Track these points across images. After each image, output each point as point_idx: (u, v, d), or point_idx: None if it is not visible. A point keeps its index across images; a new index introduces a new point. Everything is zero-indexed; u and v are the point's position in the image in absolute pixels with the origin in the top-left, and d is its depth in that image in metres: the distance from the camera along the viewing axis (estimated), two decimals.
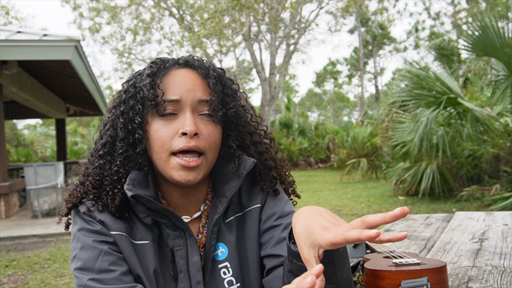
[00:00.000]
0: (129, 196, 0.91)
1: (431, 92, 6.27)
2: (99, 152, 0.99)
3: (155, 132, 0.94)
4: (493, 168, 7.66)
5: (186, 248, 0.97)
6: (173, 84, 0.95)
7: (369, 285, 1.06)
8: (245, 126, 1.05)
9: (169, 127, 0.94)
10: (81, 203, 0.97)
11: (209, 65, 1.00)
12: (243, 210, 1.05)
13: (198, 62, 1.00)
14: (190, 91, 0.95)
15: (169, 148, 0.93)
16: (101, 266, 0.89)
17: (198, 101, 0.95)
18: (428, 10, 29.24)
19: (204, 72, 0.98)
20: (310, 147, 19.38)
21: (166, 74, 0.97)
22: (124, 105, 0.98)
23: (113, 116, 1.00)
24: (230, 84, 1.03)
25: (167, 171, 0.94)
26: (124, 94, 0.99)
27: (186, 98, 0.94)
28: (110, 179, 0.96)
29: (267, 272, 1.00)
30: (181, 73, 0.97)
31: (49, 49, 6.67)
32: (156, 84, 0.95)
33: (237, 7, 13.12)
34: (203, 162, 0.94)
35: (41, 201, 7.73)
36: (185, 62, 0.99)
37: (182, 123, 0.93)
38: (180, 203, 1.02)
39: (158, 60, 1.00)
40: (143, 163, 0.97)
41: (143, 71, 1.00)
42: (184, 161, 0.92)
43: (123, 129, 0.96)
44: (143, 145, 0.96)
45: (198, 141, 0.93)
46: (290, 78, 47.75)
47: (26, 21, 28.69)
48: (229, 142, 1.02)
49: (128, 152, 0.96)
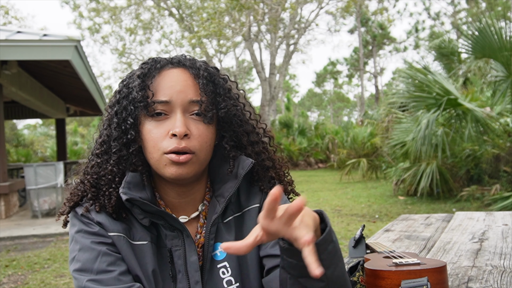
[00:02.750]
0: (123, 199, 0.92)
1: (431, 94, 6.27)
2: (97, 151, 1.00)
3: (147, 133, 0.95)
4: (493, 168, 7.66)
5: (184, 248, 0.97)
6: (164, 85, 0.95)
7: (369, 285, 1.06)
8: (241, 126, 1.04)
9: (160, 127, 0.94)
10: (79, 205, 0.98)
11: (200, 65, 1.00)
12: (242, 210, 1.05)
13: (190, 61, 1.00)
14: (180, 92, 0.95)
15: (160, 149, 0.93)
16: (100, 267, 0.89)
17: (189, 102, 0.95)
18: (428, 10, 29.25)
19: (195, 72, 0.98)
20: (310, 147, 19.37)
21: (158, 74, 0.97)
22: (118, 105, 0.98)
23: (108, 116, 1.01)
24: (223, 83, 1.02)
25: (160, 168, 0.95)
26: (118, 94, 1.00)
27: (176, 99, 0.94)
28: (106, 178, 0.97)
29: (266, 272, 1.00)
30: (172, 73, 0.97)
31: (49, 49, 6.67)
32: (147, 85, 0.95)
33: (237, 7, 13.12)
34: (193, 159, 0.94)
35: (41, 201, 7.72)
36: (178, 61, 0.99)
37: (173, 124, 0.93)
38: (177, 203, 1.03)
39: (150, 61, 1.00)
40: (137, 163, 0.97)
41: (134, 71, 1.00)
42: (175, 157, 0.92)
43: (117, 128, 0.97)
44: (136, 145, 0.97)
45: (188, 142, 0.93)
46: (290, 78, 47.74)
47: (25, 21, 28.68)
48: (222, 143, 1.03)
49: (122, 151, 0.97)
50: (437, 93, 6.21)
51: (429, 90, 6.28)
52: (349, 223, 6.65)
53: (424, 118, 6.49)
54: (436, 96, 6.23)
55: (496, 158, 7.53)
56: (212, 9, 13.57)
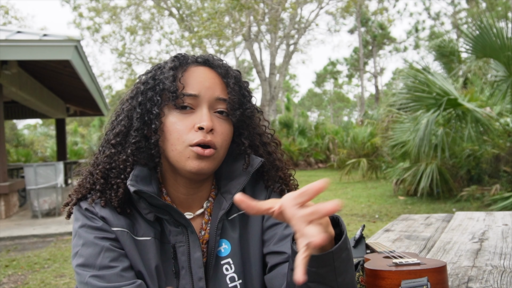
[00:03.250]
0: (131, 191, 0.92)
1: (431, 94, 6.27)
2: (111, 141, 1.00)
3: (171, 125, 0.96)
4: (493, 168, 7.67)
5: (188, 245, 0.98)
6: (193, 79, 0.98)
7: (369, 285, 1.06)
8: (255, 128, 1.08)
9: (186, 120, 0.96)
10: (84, 199, 0.98)
11: (228, 66, 1.04)
12: None
13: (217, 61, 1.03)
14: (209, 88, 0.98)
15: (186, 141, 0.95)
16: (103, 263, 0.90)
17: (216, 99, 0.98)
18: (428, 10, 29.25)
19: (224, 71, 1.01)
20: (310, 147, 19.37)
21: (187, 69, 0.99)
22: (142, 96, 0.99)
23: (129, 106, 1.01)
24: (246, 86, 1.06)
25: (182, 161, 0.95)
26: (143, 86, 1.01)
27: (204, 94, 0.97)
28: (117, 168, 0.97)
29: (269, 269, 1.00)
30: (201, 70, 1.00)
31: (49, 49, 6.67)
32: (178, 77, 0.97)
33: (237, 7, 13.13)
34: (215, 154, 0.96)
35: (41, 201, 7.73)
36: (205, 60, 1.02)
37: (199, 118, 0.95)
38: (184, 199, 1.03)
39: (180, 56, 1.02)
40: (155, 154, 0.98)
41: (164, 64, 1.02)
42: (201, 149, 0.94)
43: (139, 119, 0.98)
44: (158, 136, 0.97)
45: (213, 137, 0.95)
46: (290, 78, 47.75)
47: (25, 20, 28.71)
48: (241, 139, 1.05)
49: (140, 142, 0.98)
50: (437, 93, 6.22)
51: (429, 90, 6.28)
52: (349, 223, 6.65)
53: (423, 118, 6.49)
54: (436, 96, 6.23)
55: (496, 158, 7.53)
56: (212, 9, 13.58)
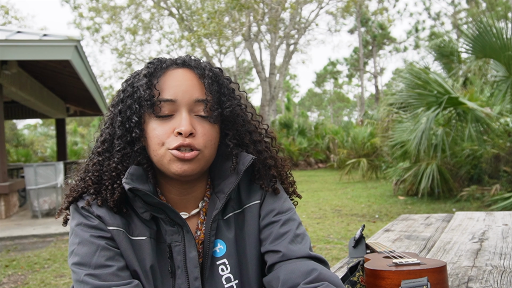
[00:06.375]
0: (126, 189, 0.92)
1: (432, 92, 6.27)
2: (98, 149, 1.01)
3: (151, 131, 0.96)
4: (493, 168, 7.66)
5: (183, 244, 0.98)
6: (170, 84, 0.97)
7: (369, 285, 1.06)
8: (244, 125, 1.06)
9: (165, 126, 0.95)
10: (80, 198, 0.98)
11: (205, 65, 1.02)
12: (242, 207, 1.06)
13: (195, 62, 1.02)
14: (186, 91, 0.96)
15: (165, 145, 0.94)
16: (98, 262, 0.90)
17: (195, 101, 0.97)
18: (428, 10, 29.24)
19: (200, 72, 1.00)
20: (310, 147, 19.38)
21: (163, 74, 0.98)
22: (122, 104, 0.99)
23: (111, 115, 1.02)
24: (227, 84, 1.04)
25: (165, 165, 0.95)
26: (122, 93, 1.01)
27: (182, 98, 0.96)
28: (109, 174, 0.97)
29: (268, 268, 1.00)
30: (178, 73, 0.98)
31: (49, 49, 6.67)
32: (153, 84, 0.96)
33: (237, 7, 13.12)
34: (199, 156, 0.95)
35: (41, 201, 7.72)
36: (183, 62, 1.01)
37: (178, 122, 0.94)
38: (178, 200, 1.03)
39: (156, 60, 1.01)
40: (141, 161, 0.99)
41: (140, 71, 1.02)
42: (180, 153, 0.93)
43: (120, 127, 0.98)
44: (140, 143, 0.98)
45: (193, 140, 0.94)
46: (290, 78, 47.73)
47: (25, 20, 28.71)
48: (226, 141, 1.04)
49: (126, 149, 0.98)
50: (438, 91, 6.21)
51: (430, 88, 6.27)
52: (349, 223, 6.65)
53: (423, 116, 6.48)
54: (437, 94, 6.23)
55: (496, 158, 7.53)
56: (212, 9, 13.57)
